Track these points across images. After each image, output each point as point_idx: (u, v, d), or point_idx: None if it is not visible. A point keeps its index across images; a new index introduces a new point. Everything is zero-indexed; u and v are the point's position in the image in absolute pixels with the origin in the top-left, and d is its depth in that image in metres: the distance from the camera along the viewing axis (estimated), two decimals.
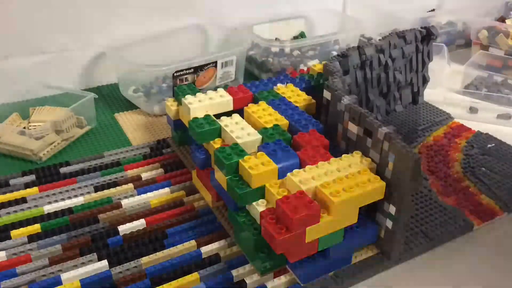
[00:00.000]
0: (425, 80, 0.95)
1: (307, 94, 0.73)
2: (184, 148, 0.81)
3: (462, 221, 0.66)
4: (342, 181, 0.54)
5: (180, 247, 0.61)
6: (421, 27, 0.89)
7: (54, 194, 0.71)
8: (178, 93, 0.74)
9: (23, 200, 0.69)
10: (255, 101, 0.73)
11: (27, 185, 0.72)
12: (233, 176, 0.58)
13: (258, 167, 0.56)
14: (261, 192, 0.57)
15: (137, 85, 0.98)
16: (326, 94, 0.67)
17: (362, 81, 0.82)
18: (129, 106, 0.98)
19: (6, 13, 0.91)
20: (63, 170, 0.76)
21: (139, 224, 0.65)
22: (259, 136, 0.63)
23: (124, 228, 0.64)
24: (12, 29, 0.93)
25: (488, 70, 1.09)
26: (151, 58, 0.95)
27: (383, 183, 0.55)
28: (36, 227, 0.64)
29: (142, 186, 0.73)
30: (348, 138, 0.63)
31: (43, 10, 0.94)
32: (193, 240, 0.62)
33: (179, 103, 0.74)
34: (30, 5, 0.92)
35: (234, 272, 0.57)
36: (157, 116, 0.94)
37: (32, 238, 0.63)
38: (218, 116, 0.68)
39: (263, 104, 0.69)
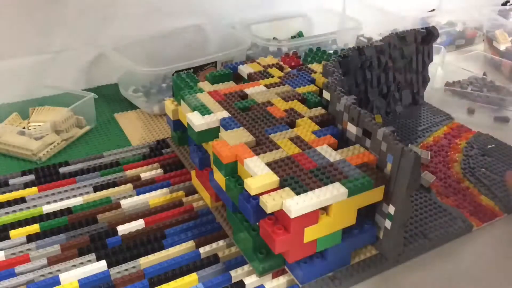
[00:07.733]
0: (425, 81, 0.95)
1: None
2: (184, 148, 0.81)
3: (462, 222, 0.66)
4: None
5: (178, 247, 0.61)
6: (422, 28, 0.89)
7: (53, 194, 0.71)
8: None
9: (22, 200, 0.69)
10: None
11: (26, 185, 0.73)
12: (232, 176, 0.58)
13: None
14: None
15: (137, 85, 0.98)
16: (325, 95, 0.67)
17: (362, 81, 0.82)
18: (129, 106, 0.98)
19: (6, 13, 0.91)
20: (62, 170, 0.76)
21: (138, 224, 0.65)
22: None
23: (123, 228, 0.64)
24: (12, 29, 0.93)
25: (485, 70, 1.09)
26: (151, 58, 0.95)
27: (382, 185, 0.55)
28: (35, 227, 0.64)
29: (141, 186, 0.73)
30: (347, 138, 0.63)
31: (43, 9, 0.94)
32: (192, 241, 0.62)
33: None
34: (30, 5, 0.92)
35: (233, 273, 0.57)
36: (157, 116, 0.94)
37: (31, 238, 0.63)
38: None
39: None
